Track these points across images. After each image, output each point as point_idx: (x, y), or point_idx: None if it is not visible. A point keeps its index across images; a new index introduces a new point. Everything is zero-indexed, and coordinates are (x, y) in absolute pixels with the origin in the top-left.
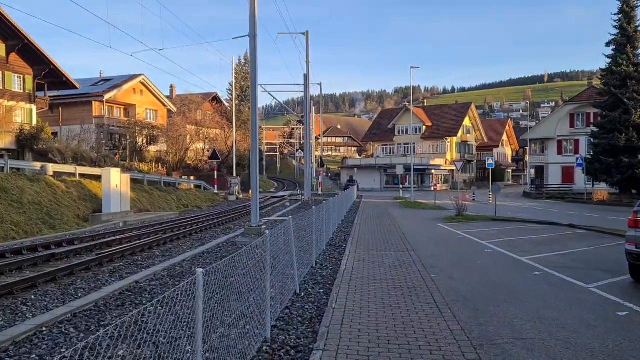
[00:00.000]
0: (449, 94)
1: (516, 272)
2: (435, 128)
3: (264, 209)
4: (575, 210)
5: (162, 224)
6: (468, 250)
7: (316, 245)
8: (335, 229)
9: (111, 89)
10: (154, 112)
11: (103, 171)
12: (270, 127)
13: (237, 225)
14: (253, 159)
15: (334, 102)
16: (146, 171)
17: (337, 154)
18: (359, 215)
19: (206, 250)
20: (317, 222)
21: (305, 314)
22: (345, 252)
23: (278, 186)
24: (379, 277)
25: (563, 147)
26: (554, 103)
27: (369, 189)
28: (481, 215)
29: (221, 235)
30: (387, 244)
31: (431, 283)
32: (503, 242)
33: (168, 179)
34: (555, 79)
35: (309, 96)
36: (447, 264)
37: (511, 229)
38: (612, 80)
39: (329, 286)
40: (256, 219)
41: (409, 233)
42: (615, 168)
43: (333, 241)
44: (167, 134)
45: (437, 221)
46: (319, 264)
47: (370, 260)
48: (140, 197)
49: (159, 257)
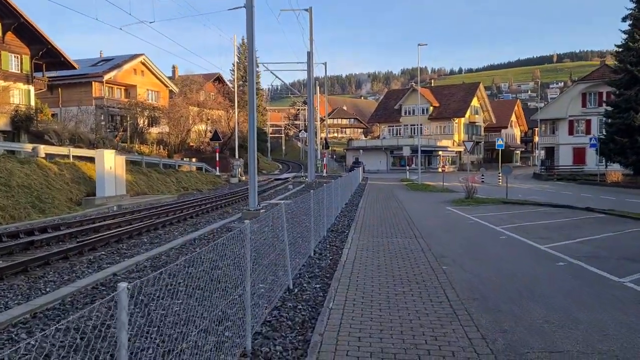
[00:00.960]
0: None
1: (537, 263)
2: (443, 109)
3: (266, 191)
4: (589, 193)
5: (157, 207)
6: (481, 236)
7: (315, 232)
8: (338, 213)
9: (111, 69)
10: (156, 93)
11: (96, 153)
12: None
13: (236, 209)
14: (250, 140)
15: (340, 83)
16: (147, 153)
17: (342, 135)
18: (364, 198)
19: (198, 237)
20: (316, 207)
21: (297, 316)
22: (347, 239)
23: (282, 168)
24: (383, 268)
25: (574, 128)
26: (563, 83)
27: (374, 170)
28: (492, 198)
29: (217, 220)
30: (393, 230)
31: (442, 276)
32: (518, 228)
33: (167, 160)
34: (565, 59)
35: (312, 75)
36: (459, 252)
37: (524, 212)
38: (628, 57)
39: (327, 280)
40: (254, 202)
41: (417, 217)
42: (630, 148)
43: (335, 227)
44: (169, 115)
45: (445, 204)
46: (318, 254)
47: (374, 248)
48: (137, 180)
49: (146, 244)
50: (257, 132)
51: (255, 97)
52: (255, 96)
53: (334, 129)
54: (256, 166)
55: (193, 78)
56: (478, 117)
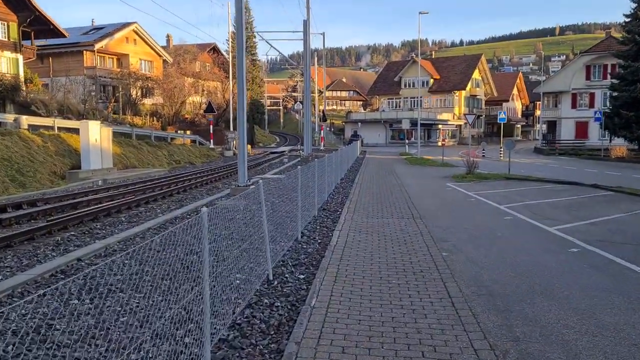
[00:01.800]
0: (457, 47)
1: (547, 249)
2: (443, 81)
3: (260, 165)
4: (593, 168)
5: (145, 182)
6: (484, 217)
7: (303, 212)
8: (332, 189)
9: (102, 37)
10: (149, 63)
11: (81, 124)
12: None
13: (227, 184)
14: (240, 111)
15: (340, 55)
16: (140, 125)
17: (342, 108)
18: (361, 172)
19: (180, 215)
20: (305, 184)
21: (274, 316)
22: (339, 220)
23: (280, 141)
24: (377, 255)
25: (577, 101)
26: (565, 57)
27: (373, 144)
28: (494, 174)
29: (205, 196)
30: (390, 209)
31: (443, 265)
32: (523, 207)
33: (159, 133)
34: (567, 32)
35: (309, 44)
36: (461, 236)
37: (529, 189)
38: (636, 28)
39: (312, 269)
40: (244, 178)
41: (415, 195)
42: (636, 123)
43: (328, 205)
44: (162, 86)
45: (445, 180)
46: (306, 236)
47: (368, 230)
48: (127, 153)
49: (124, 223)
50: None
51: (245, 63)
52: (244, 62)
53: (332, 101)
54: (246, 139)
55: (187, 48)
56: (479, 90)
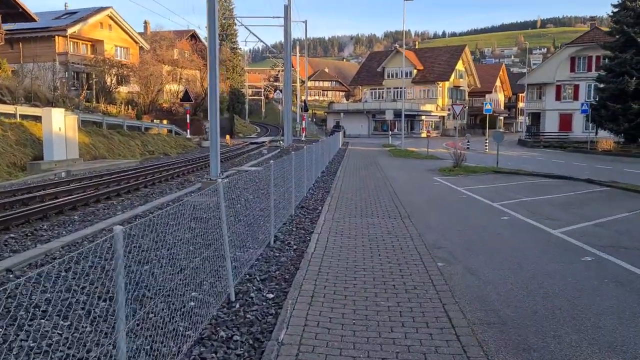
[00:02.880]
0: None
1: (557, 257)
2: (427, 72)
3: (238, 156)
4: (582, 161)
5: (111, 174)
6: (478, 216)
7: (278, 212)
8: (313, 183)
9: (75, 22)
10: (125, 50)
11: (43, 111)
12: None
13: (200, 176)
14: (211, 98)
15: (322, 45)
16: (114, 114)
17: (324, 98)
18: (343, 165)
19: (141, 214)
20: (281, 180)
21: (229, 359)
22: (319, 220)
23: (261, 131)
24: (361, 266)
25: (562, 93)
26: (546, 49)
27: (355, 135)
28: (481, 167)
29: (174, 191)
30: (375, 206)
31: (439, 279)
32: (519, 205)
33: (133, 122)
34: (548, 25)
35: (289, 29)
36: (456, 240)
37: (521, 184)
38: (624, 18)
39: (284, 285)
40: (216, 170)
41: (401, 190)
42: (623, 115)
43: (307, 201)
44: (138, 73)
45: (432, 173)
46: (280, 241)
47: (350, 232)
48: (96, 143)
49: (76, 223)
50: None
51: (217, 47)
52: (217, 45)
53: (315, 91)
54: (218, 127)
55: (163, 34)
56: (463, 81)
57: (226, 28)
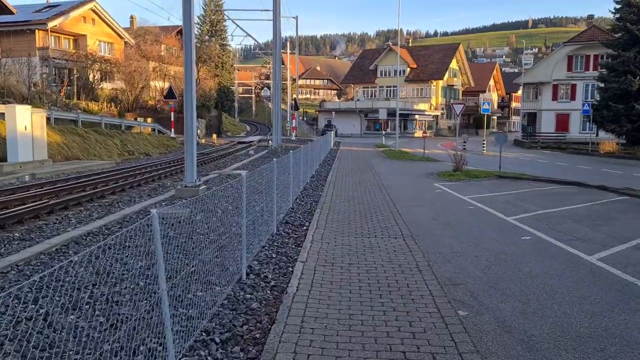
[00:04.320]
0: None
1: (610, 299)
2: (420, 70)
3: (223, 157)
4: (586, 164)
5: (80, 178)
6: (494, 236)
7: (255, 232)
8: (300, 191)
9: (56, 16)
10: (109, 45)
11: (6, 109)
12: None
13: (178, 180)
14: (187, 94)
15: (314, 43)
16: (95, 111)
17: (315, 97)
18: (335, 169)
19: (97, 229)
20: (258, 195)
21: None
22: (305, 241)
23: (250, 130)
24: (358, 320)
25: (558, 92)
26: (537, 49)
27: (348, 134)
28: (483, 171)
29: (144, 199)
30: (371, 222)
31: (466, 343)
32: (537, 220)
33: (112, 120)
34: (539, 25)
35: (279, 23)
36: (476, 273)
37: (530, 192)
38: (627, 15)
39: (252, 352)
40: (192, 175)
41: (400, 199)
42: (626, 116)
43: (293, 214)
44: (122, 69)
45: (432, 178)
46: (255, 274)
47: (343, 261)
48: (69, 142)
49: (14, 242)
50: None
51: (193, 32)
52: (192, 31)
53: (306, 89)
54: (194, 126)
55: (148, 28)
56: (456, 80)
57: (215, 24)
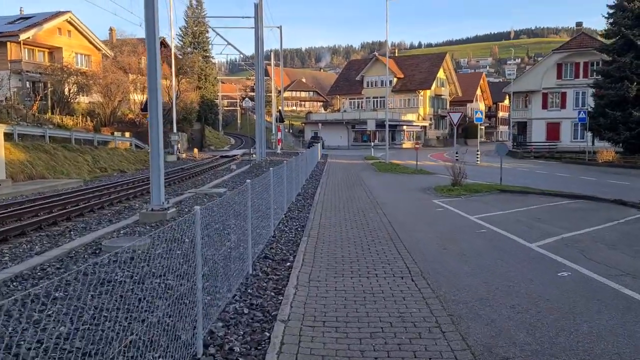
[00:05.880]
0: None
1: None
2: (407, 80)
3: (203, 173)
4: (588, 175)
5: (36, 201)
6: (524, 272)
7: (224, 277)
8: (285, 213)
9: (29, 27)
10: (86, 57)
11: None
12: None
13: (149, 200)
14: (152, 103)
15: (300, 56)
16: (71, 126)
17: (301, 109)
18: (323, 184)
19: (28, 272)
20: (228, 229)
21: None
22: (287, 287)
23: (235, 143)
24: None
25: (548, 101)
26: (520, 60)
27: (335, 146)
28: (484, 184)
29: (102, 225)
30: (369, 253)
31: None
32: (565, 245)
33: (83, 135)
34: (522, 36)
35: (261, 32)
36: (524, 339)
37: (542, 209)
38: (622, 19)
39: None
40: (159, 197)
41: (399, 222)
42: (623, 123)
43: (274, 245)
44: (98, 82)
45: (429, 194)
46: (217, 344)
47: (338, 317)
48: (34, 160)
49: None
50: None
51: (157, 31)
52: (157, 30)
53: (292, 102)
54: (161, 141)
55: (127, 40)
56: (444, 89)
57: (198, 36)
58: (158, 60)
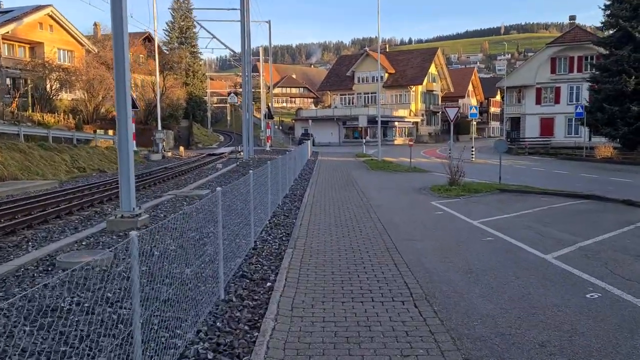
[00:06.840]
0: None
1: None
2: (399, 76)
3: (187, 173)
4: (588, 172)
5: (5, 204)
6: (548, 293)
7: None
8: (269, 219)
9: (8, 22)
10: (69, 53)
11: None
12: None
13: None
14: (119, 100)
15: (290, 52)
16: (52, 123)
17: (292, 105)
18: (312, 184)
19: None
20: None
21: None
22: (264, 321)
23: (224, 140)
24: None
25: (542, 96)
26: (510, 55)
27: (325, 143)
28: (482, 183)
29: (66, 234)
30: (363, 270)
31: None
32: (586, 257)
33: (61, 133)
34: (512, 31)
35: (247, 24)
36: None
37: (548, 211)
38: (620, 11)
39: None
40: (129, 202)
41: (396, 227)
42: (621, 118)
43: (254, 260)
44: (82, 78)
45: (426, 194)
46: None
47: None
48: (5, 160)
49: None
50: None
51: (125, 11)
52: (124, 11)
53: (282, 98)
54: (130, 139)
55: (110, 35)
56: (436, 85)
57: (185, 31)
58: (126, 45)
